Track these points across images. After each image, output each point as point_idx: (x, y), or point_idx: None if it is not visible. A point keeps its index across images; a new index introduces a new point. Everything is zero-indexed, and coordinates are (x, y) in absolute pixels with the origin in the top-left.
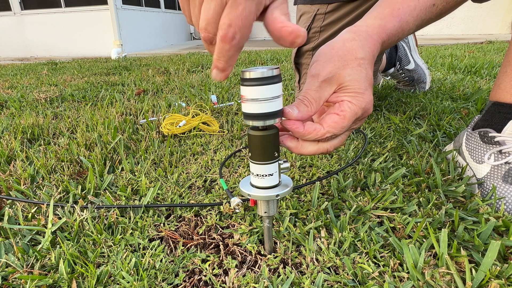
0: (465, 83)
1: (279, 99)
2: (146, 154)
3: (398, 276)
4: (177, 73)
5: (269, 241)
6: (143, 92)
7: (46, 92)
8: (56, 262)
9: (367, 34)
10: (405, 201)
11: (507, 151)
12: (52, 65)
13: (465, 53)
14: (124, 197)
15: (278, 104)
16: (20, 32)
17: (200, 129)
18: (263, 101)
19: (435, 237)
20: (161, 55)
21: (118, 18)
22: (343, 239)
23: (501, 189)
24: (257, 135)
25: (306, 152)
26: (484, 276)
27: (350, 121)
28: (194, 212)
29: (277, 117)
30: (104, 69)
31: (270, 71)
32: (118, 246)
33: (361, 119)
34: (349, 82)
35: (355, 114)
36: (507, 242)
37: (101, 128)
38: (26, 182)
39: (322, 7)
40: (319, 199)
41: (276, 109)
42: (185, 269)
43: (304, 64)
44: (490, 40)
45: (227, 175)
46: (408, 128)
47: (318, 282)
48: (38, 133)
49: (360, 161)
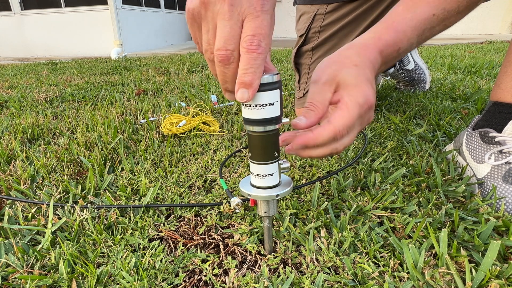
0: (465, 83)
1: (279, 104)
2: (146, 154)
3: (398, 276)
4: (177, 73)
5: (269, 241)
6: (143, 92)
7: (46, 92)
8: (56, 262)
9: (362, 44)
10: (405, 201)
11: (508, 151)
12: (52, 65)
13: (465, 53)
14: (124, 197)
15: (278, 109)
16: (20, 32)
17: (200, 129)
18: (264, 107)
19: (435, 237)
20: (161, 55)
21: (118, 18)
22: (343, 239)
23: (501, 189)
24: (257, 135)
25: (316, 154)
26: (484, 276)
27: (355, 112)
28: (194, 212)
29: (277, 122)
30: (104, 69)
31: (270, 77)
32: (118, 246)
33: (366, 112)
34: (345, 79)
35: (357, 104)
36: (507, 242)
37: (101, 128)
38: (26, 182)
39: (321, 7)
40: (319, 199)
41: (277, 114)
42: (185, 269)
43: (304, 64)
44: (490, 40)
45: (227, 175)
46: (408, 128)
47: (318, 282)
48: (38, 133)
49: (360, 161)
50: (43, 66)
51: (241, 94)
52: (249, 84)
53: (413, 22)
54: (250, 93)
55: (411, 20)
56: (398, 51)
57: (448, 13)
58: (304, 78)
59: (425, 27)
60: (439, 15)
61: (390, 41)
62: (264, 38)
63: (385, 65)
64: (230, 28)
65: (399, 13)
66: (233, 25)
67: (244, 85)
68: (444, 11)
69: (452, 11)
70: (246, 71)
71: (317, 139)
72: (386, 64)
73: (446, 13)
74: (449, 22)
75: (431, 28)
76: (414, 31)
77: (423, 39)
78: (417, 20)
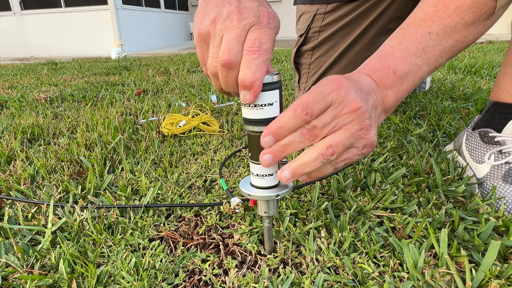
0: (465, 83)
1: (278, 104)
2: (146, 154)
3: (398, 276)
4: (177, 73)
5: (269, 241)
6: (143, 92)
7: (46, 92)
8: (56, 262)
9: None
10: (405, 201)
11: (507, 151)
12: (52, 65)
13: (465, 53)
14: (124, 197)
15: (277, 109)
16: (20, 32)
17: (200, 129)
18: (263, 107)
19: (435, 237)
20: (161, 55)
21: (118, 18)
22: (343, 239)
23: (501, 189)
24: (257, 135)
25: (291, 144)
26: (484, 276)
27: (314, 89)
28: (194, 212)
29: None
30: (104, 69)
31: (270, 77)
32: (118, 246)
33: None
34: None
35: (319, 84)
36: (507, 242)
37: (101, 128)
38: (26, 182)
39: (321, 7)
40: (319, 199)
41: (276, 114)
42: (185, 269)
43: (304, 64)
44: (490, 40)
45: (227, 175)
46: (408, 128)
47: (318, 282)
48: (38, 133)
49: (360, 161)
50: (43, 66)
51: (243, 96)
52: (249, 86)
53: (402, 45)
54: (251, 94)
55: (399, 44)
56: (396, 73)
57: (453, 28)
58: (304, 78)
59: (423, 46)
60: (439, 32)
61: (377, 65)
62: (266, 43)
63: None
64: (235, 35)
65: (386, 42)
66: (238, 33)
67: (245, 87)
68: (446, 27)
69: (457, 25)
70: (245, 73)
71: (277, 119)
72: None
73: (449, 28)
74: (461, 36)
75: (434, 46)
76: (405, 53)
77: (433, 59)
78: (406, 44)
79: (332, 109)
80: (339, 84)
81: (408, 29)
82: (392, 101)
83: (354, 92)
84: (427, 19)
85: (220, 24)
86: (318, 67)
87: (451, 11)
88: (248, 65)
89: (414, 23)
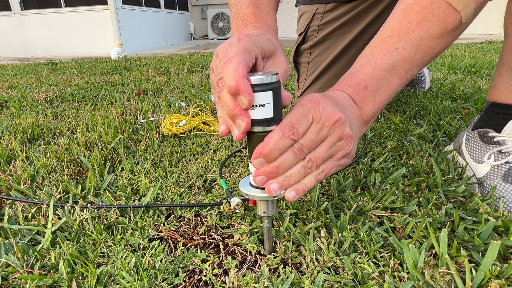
0: (465, 83)
1: (271, 106)
2: (146, 154)
3: (398, 276)
4: (177, 73)
5: (269, 241)
6: (143, 92)
7: (46, 92)
8: (56, 262)
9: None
10: (405, 201)
11: (507, 151)
12: (52, 65)
13: (465, 53)
14: (124, 197)
15: (270, 111)
16: (20, 32)
17: (200, 129)
18: (255, 108)
19: (435, 237)
20: (161, 55)
21: (118, 18)
22: (343, 239)
23: (501, 189)
24: (257, 135)
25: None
26: (484, 276)
27: (296, 109)
28: (194, 212)
29: (278, 122)
30: (104, 69)
31: (258, 79)
32: (118, 246)
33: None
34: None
35: (300, 104)
36: (507, 242)
37: (101, 128)
38: (26, 182)
39: (320, 6)
40: (319, 199)
41: (269, 116)
42: (185, 269)
43: (303, 63)
44: (490, 40)
45: (227, 175)
46: (408, 128)
47: (318, 282)
48: (38, 133)
49: (360, 161)
50: (43, 66)
51: (240, 101)
52: (235, 87)
53: (370, 62)
54: (243, 95)
55: (368, 62)
56: (367, 89)
57: (419, 42)
58: (303, 77)
59: (391, 61)
60: (406, 46)
61: (348, 82)
62: (230, 52)
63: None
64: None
65: (357, 60)
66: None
67: (232, 90)
68: (412, 41)
69: (423, 39)
70: (227, 80)
71: (267, 141)
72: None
73: (415, 42)
74: (429, 48)
75: (402, 60)
76: (374, 70)
77: (403, 72)
78: (375, 62)
79: (314, 126)
80: (316, 101)
81: (376, 46)
82: (369, 113)
83: (331, 106)
84: (393, 35)
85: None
86: (317, 65)
87: (415, 26)
88: (226, 74)
89: (381, 40)
